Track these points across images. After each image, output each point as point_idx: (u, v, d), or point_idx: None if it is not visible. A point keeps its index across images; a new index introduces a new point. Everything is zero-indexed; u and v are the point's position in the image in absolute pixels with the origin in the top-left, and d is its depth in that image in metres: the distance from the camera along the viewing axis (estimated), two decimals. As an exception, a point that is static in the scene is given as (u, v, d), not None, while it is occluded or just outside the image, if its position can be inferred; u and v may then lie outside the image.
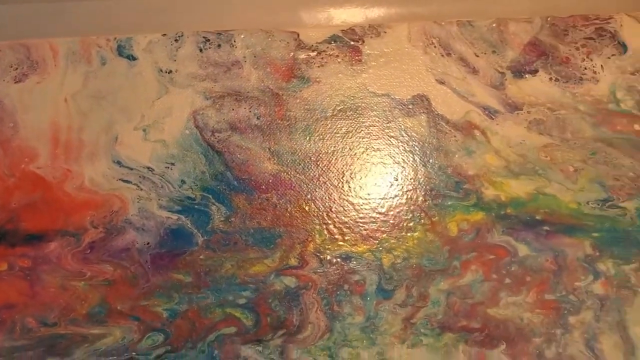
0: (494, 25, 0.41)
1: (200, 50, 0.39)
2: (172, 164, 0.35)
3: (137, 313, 0.31)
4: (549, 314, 0.31)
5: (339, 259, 0.33)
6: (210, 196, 0.34)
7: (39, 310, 0.31)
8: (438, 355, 0.30)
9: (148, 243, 0.33)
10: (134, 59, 0.39)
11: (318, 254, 0.33)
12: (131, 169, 0.35)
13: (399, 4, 0.44)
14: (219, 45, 0.39)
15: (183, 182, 0.34)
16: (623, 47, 0.41)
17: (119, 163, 0.35)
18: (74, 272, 0.31)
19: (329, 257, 0.33)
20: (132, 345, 0.30)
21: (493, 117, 0.38)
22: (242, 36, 0.40)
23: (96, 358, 0.29)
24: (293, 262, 0.32)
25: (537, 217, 0.34)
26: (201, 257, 0.32)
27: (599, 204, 0.35)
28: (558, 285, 0.32)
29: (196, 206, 0.34)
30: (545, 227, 0.34)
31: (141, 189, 0.34)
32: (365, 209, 0.34)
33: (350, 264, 0.33)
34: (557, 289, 0.32)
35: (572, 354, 0.30)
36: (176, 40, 0.39)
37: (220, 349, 0.30)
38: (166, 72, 0.38)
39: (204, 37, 0.39)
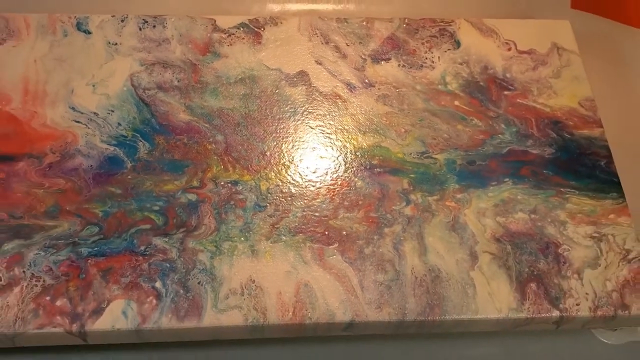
0: (364, 22, 0.54)
1: (140, 29, 0.51)
2: (112, 111, 0.47)
3: (80, 212, 0.43)
4: (370, 226, 0.44)
5: (229, 184, 0.45)
6: (139, 135, 0.46)
7: (9, 208, 0.42)
8: (292, 248, 0.43)
9: (91, 165, 0.44)
10: (89, 33, 0.50)
11: (214, 179, 0.45)
12: (82, 113, 0.46)
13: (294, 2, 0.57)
14: (154, 26, 0.51)
15: (119, 124, 0.46)
16: (457, 43, 0.54)
17: (73, 109, 0.46)
18: (36, 183, 0.43)
19: (222, 182, 0.45)
20: (76, 234, 0.42)
21: (352, 91, 0.50)
22: (172, 20, 0.52)
23: (50, 241, 0.42)
24: (195, 184, 0.44)
25: (374, 162, 0.47)
26: (129, 177, 0.44)
27: (418, 155, 0.48)
28: (380, 208, 0.45)
29: (127, 142, 0.46)
30: (378, 169, 0.46)
31: (88, 128, 0.46)
32: (251, 150, 0.47)
33: (237, 187, 0.45)
34: (379, 210, 0.45)
35: (383, 251, 0.44)
36: (122, 21, 0.51)
37: (138, 239, 0.43)
38: (113, 44, 0.50)
39: (143, 19, 0.51)
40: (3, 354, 0.43)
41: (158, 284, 0.41)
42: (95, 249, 0.41)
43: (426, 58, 0.52)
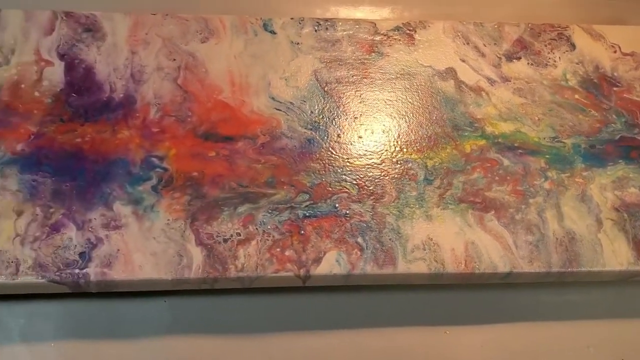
0: (496, 26, 0.64)
1: (315, 31, 0.61)
2: (304, 101, 0.57)
3: (293, 183, 0.53)
4: (518, 197, 0.55)
5: (402, 161, 0.56)
6: (327, 121, 0.57)
7: (237, 179, 0.53)
8: (458, 214, 0.54)
9: (295, 145, 0.55)
10: (275, 33, 0.60)
11: (391, 158, 0.56)
12: (281, 102, 0.57)
13: (437, 10, 0.67)
14: (327, 29, 0.62)
15: (312, 112, 0.57)
16: (573, 46, 0.64)
17: (272, 99, 0.57)
18: (254, 159, 0.54)
19: (396, 160, 0.56)
20: (292, 200, 0.53)
21: (492, 85, 0.61)
22: (341, 24, 0.62)
23: (272, 205, 0.53)
24: (376, 160, 0.56)
25: (515, 145, 0.57)
26: (325, 155, 0.56)
27: (550, 140, 0.59)
28: (524, 183, 0.56)
29: (320, 127, 0.57)
30: (519, 151, 0.57)
31: (288, 115, 0.56)
32: (417, 136, 0.58)
33: (408, 164, 0.56)
34: (524, 184, 0.56)
35: (530, 218, 0.55)
36: (299, 23, 0.61)
37: (339, 204, 0.53)
38: (295, 44, 0.60)
39: (317, 22, 0.62)
40: (229, 294, 0.54)
41: (360, 240, 0.52)
42: (309, 211, 0.52)
43: (549, 58, 0.62)
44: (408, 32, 0.62)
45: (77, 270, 0.48)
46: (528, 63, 0.62)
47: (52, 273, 0.47)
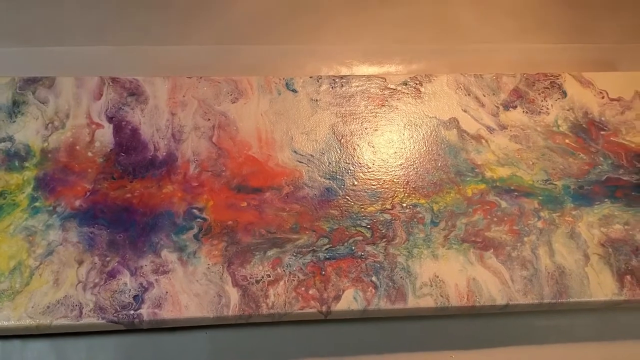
0: (494, 77, 0.71)
1: (332, 87, 0.69)
2: (323, 154, 0.64)
3: (314, 228, 0.61)
4: (514, 236, 0.62)
5: (411, 206, 0.64)
6: (344, 171, 0.65)
7: (266, 226, 0.61)
8: (461, 253, 0.62)
9: (315, 194, 0.63)
10: (296, 91, 0.68)
11: (400, 203, 0.64)
12: (302, 155, 0.64)
13: (441, 64, 0.74)
14: (342, 85, 0.69)
15: (329, 163, 0.64)
16: (564, 94, 0.71)
17: (295, 152, 0.65)
18: (280, 207, 0.62)
19: (406, 205, 0.64)
20: (313, 244, 0.60)
21: (491, 132, 0.68)
22: (353, 80, 0.70)
23: (297, 249, 0.60)
24: (388, 206, 0.64)
25: (512, 188, 0.65)
26: (342, 202, 0.63)
27: (543, 182, 0.66)
28: (520, 222, 0.64)
29: (337, 177, 0.64)
30: (515, 193, 0.64)
31: (309, 166, 0.64)
32: (424, 182, 0.65)
33: (417, 208, 0.64)
34: (519, 224, 0.64)
35: (524, 255, 0.62)
36: (317, 81, 0.69)
37: (355, 247, 0.61)
38: (314, 100, 0.68)
39: (333, 79, 0.69)
40: (261, 326, 0.62)
41: (374, 278, 0.59)
42: (329, 254, 0.60)
43: (543, 106, 0.69)
44: (415, 85, 0.69)
45: (132, 312, 0.56)
46: (523, 111, 0.69)
47: (110, 314, 0.56)
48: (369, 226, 0.61)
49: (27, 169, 0.61)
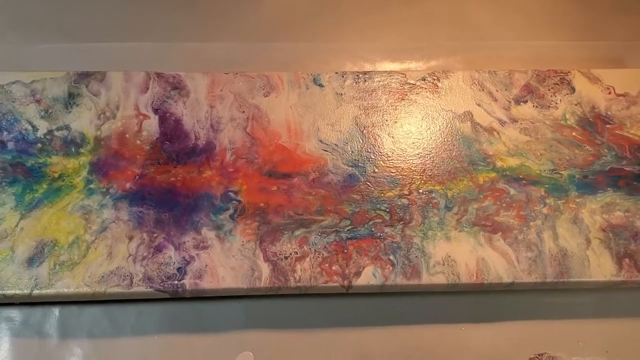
0: (507, 74, 0.77)
1: (355, 82, 0.75)
2: (346, 143, 0.71)
3: (337, 211, 0.67)
4: (521, 220, 0.68)
5: (427, 192, 0.70)
6: (365, 159, 0.71)
7: (294, 208, 0.67)
8: (471, 235, 0.68)
9: (339, 180, 0.69)
10: (322, 86, 0.74)
11: (417, 189, 0.70)
12: (327, 144, 0.70)
13: (457, 61, 0.80)
14: (365, 80, 0.75)
15: (352, 152, 0.71)
16: (573, 89, 0.76)
17: (321, 141, 0.71)
18: (306, 192, 0.68)
19: (422, 191, 0.70)
20: (336, 225, 0.67)
21: (503, 125, 0.73)
22: (375, 76, 0.76)
23: (321, 229, 0.67)
24: (405, 192, 0.70)
25: (520, 176, 0.70)
26: (363, 187, 0.70)
27: (550, 172, 0.71)
28: (527, 208, 0.69)
29: (359, 164, 0.71)
30: (523, 181, 0.70)
31: (333, 155, 0.70)
32: (439, 170, 0.71)
33: (432, 194, 0.70)
34: (526, 210, 0.69)
35: (530, 238, 0.68)
36: (342, 76, 0.75)
37: (375, 228, 0.67)
38: (339, 94, 0.74)
39: (356, 75, 0.75)
40: (289, 297, 0.68)
41: (392, 257, 0.66)
42: (350, 234, 0.66)
43: (552, 100, 0.74)
44: (432, 81, 0.75)
45: (176, 282, 0.63)
46: (533, 105, 0.74)
47: (157, 284, 0.63)
48: (387, 210, 0.68)
49: (82, 155, 0.68)
